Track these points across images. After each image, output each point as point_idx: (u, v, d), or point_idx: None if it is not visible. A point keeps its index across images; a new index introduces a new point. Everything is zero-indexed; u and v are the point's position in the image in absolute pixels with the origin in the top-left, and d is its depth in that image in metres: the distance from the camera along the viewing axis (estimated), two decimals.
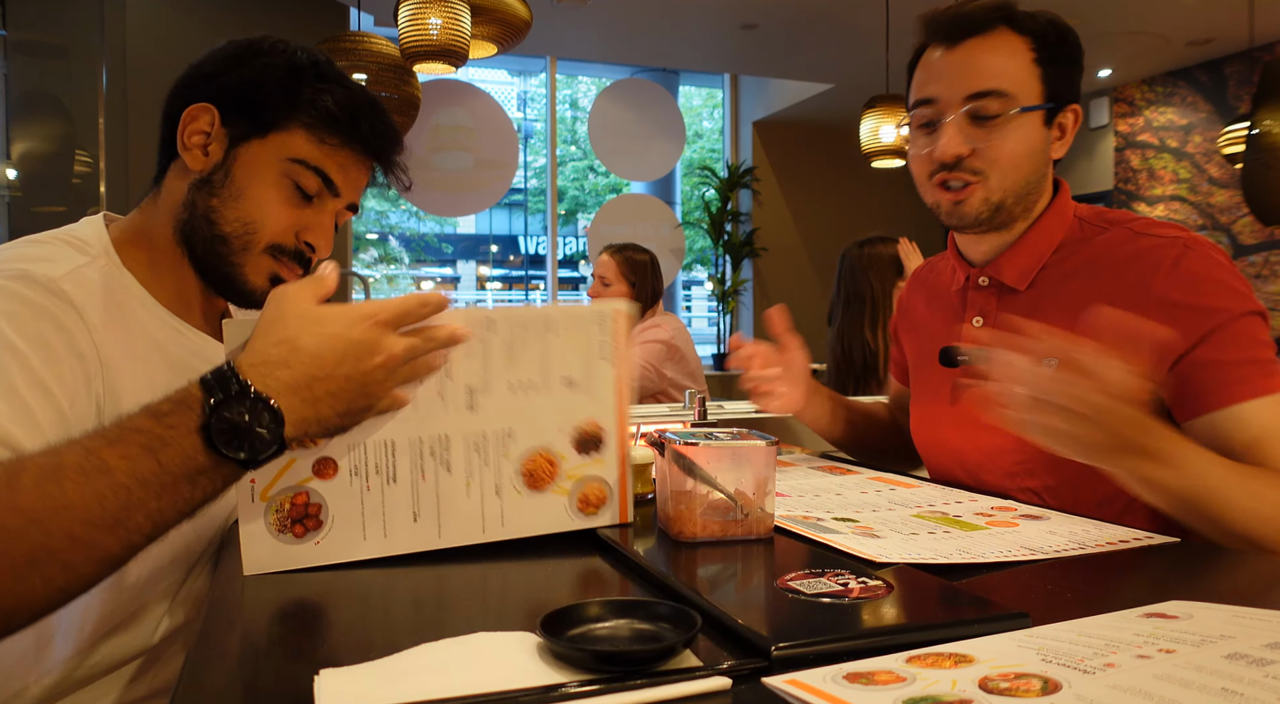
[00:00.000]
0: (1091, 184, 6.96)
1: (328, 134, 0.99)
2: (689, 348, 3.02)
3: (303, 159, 0.98)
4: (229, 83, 0.97)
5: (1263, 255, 5.90)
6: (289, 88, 0.97)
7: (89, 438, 0.67)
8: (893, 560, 0.79)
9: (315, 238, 1.01)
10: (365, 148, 1.03)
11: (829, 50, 5.85)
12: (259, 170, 0.97)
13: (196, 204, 0.97)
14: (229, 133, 0.97)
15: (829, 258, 7.61)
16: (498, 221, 14.54)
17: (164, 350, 0.96)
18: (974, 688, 0.50)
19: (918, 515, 1.00)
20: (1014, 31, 1.16)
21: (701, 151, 10.21)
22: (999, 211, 1.18)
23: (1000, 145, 1.15)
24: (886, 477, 1.25)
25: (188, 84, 0.99)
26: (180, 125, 0.97)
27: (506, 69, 10.44)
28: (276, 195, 0.98)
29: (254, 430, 0.68)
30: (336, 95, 0.99)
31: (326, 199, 1.01)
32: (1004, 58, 1.15)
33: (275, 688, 0.57)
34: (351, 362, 0.73)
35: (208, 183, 0.97)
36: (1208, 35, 5.68)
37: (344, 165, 1.01)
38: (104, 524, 0.64)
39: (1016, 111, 1.14)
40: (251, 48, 1.00)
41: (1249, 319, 1.04)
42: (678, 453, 0.87)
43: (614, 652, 0.56)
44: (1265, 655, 0.54)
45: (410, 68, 3.35)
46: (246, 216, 0.97)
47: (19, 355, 0.81)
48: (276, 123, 0.97)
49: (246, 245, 0.98)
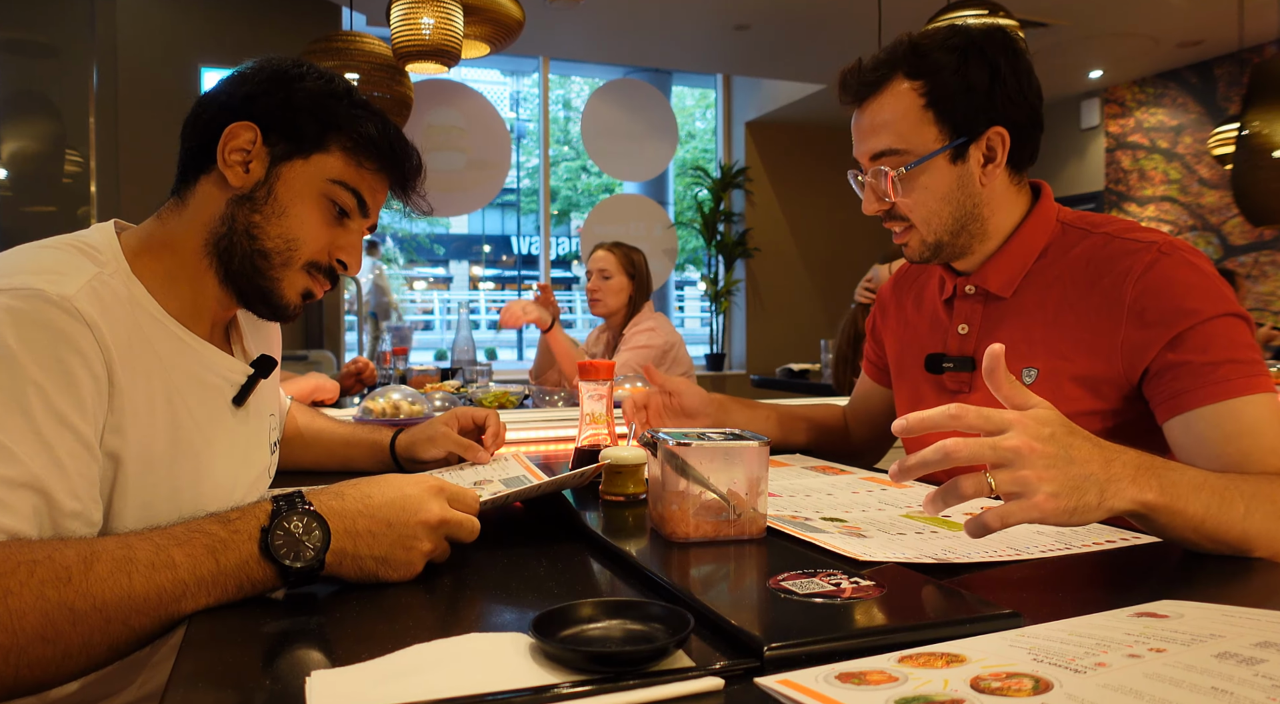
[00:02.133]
0: (1082, 185, 6.99)
1: (365, 158, 1.03)
2: (683, 352, 3.06)
3: (342, 180, 1.02)
4: (270, 104, 1.00)
5: (1253, 256, 5.93)
6: (330, 112, 1.01)
7: (159, 534, 0.74)
8: (877, 559, 0.79)
9: (348, 256, 1.06)
10: (394, 173, 1.07)
11: (821, 51, 5.86)
12: (301, 189, 1.00)
13: (237, 219, 0.99)
14: (270, 152, 1.00)
15: (821, 258, 7.66)
16: (490, 222, 14.54)
17: (168, 365, 0.96)
18: (966, 687, 0.51)
19: (906, 515, 1.00)
20: (907, 78, 1.18)
21: (694, 152, 10.22)
22: (941, 249, 1.23)
23: (910, 197, 1.20)
24: (879, 477, 1.25)
25: (223, 102, 1.01)
26: (221, 142, 0.98)
27: (499, 69, 10.44)
28: (317, 214, 1.02)
29: (302, 542, 0.75)
30: (374, 121, 1.03)
31: (358, 219, 1.06)
32: (891, 115, 1.18)
33: (266, 689, 0.57)
34: (397, 509, 0.80)
35: (250, 199, 0.99)
36: (1198, 37, 5.71)
37: (375, 188, 1.06)
38: (157, 615, 0.71)
39: (911, 166, 1.18)
40: (289, 71, 1.02)
41: (1225, 320, 1.03)
42: (670, 453, 0.87)
43: (606, 652, 0.56)
44: (1255, 654, 0.54)
45: (402, 67, 3.34)
46: (289, 234, 1.00)
47: (39, 390, 0.80)
48: (318, 145, 1.01)
49: (287, 262, 1.01)
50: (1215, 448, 0.99)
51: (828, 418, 1.58)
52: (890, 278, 1.52)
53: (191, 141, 1.02)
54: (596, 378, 1.18)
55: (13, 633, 0.66)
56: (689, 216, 7.63)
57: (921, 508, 1.03)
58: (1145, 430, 1.08)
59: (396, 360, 3.21)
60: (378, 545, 0.78)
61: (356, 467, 1.39)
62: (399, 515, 0.79)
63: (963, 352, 1.25)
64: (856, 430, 1.57)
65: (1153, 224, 6.47)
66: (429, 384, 2.66)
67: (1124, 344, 1.07)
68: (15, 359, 0.79)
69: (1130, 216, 6.59)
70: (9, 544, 0.71)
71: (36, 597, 0.67)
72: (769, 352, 7.28)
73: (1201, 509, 0.84)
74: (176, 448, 0.95)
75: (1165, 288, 1.05)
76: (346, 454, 1.40)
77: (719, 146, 7.68)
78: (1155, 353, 1.05)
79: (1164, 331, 1.04)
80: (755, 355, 7.40)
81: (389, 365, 3.27)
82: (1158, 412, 1.06)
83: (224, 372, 1.04)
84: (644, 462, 1.04)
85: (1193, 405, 1.01)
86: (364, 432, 1.41)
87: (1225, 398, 1.00)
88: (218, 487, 1.01)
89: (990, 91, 1.16)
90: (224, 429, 1.03)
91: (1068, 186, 7.08)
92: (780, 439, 1.49)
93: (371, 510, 0.79)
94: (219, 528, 0.75)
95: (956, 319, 1.27)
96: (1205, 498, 0.84)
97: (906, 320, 1.41)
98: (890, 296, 1.48)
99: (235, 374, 1.05)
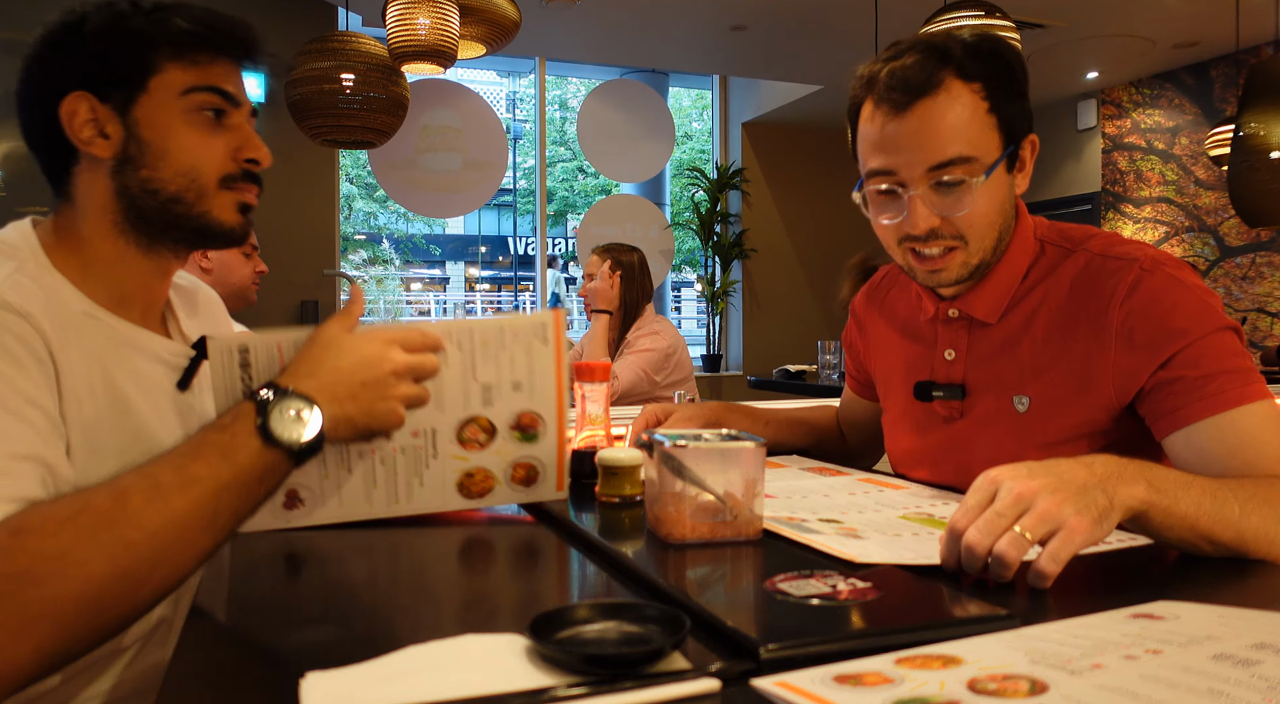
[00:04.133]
0: (1079, 186, 7.00)
1: (197, 54, 0.97)
2: (685, 356, 3.03)
3: (192, 87, 0.97)
4: (80, 64, 0.95)
5: (1249, 257, 5.94)
6: (135, 34, 0.95)
7: (172, 456, 0.77)
8: (873, 560, 0.79)
9: (252, 151, 1.01)
10: (232, 49, 1.01)
11: (818, 52, 5.86)
12: (164, 120, 0.96)
13: (129, 184, 0.96)
14: (113, 107, 0.95)
15: (818, 259, 7.65)
16: (487, 222, 14.53)
17: (102, 353, 0.94)
18: (962, 689, 0.51)
19: (903, 517, 1.00)
20: (962, 80, 1.07)
21: (691, 153, 10.22)
22: (978, 269, 1.14)
23: (974, 211, 1.09)
24: (876, 478, 1.25)
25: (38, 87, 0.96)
26: (64, 125, 0.94)
27: (495, 69, 10.43)
28: (193, 132, 0.97)
29: (299, 421, 0.81)
30: (181, 15, 0.97)
31: (233, 113, 1.00)
32: (959, 119, 1.06)
33: (261, 691, 0.57)
34: (364, 369, 0.87)
35: (128, 160, 0.95)
36: (1194, 38, 5.71)
37: (225, 73, 1.00)
38: (203, 527, 0.75)
39: (987, 174, 1.07)
40: (70, 17, 0.96)
41: (1215, 336, 1.01)
42: (667, 454, 0.87)
43: (602, 654, 0.56)
44: (1251, 656, 0.54)
45: (398, 68, 3.34)
46: (182, 167, 0.96)
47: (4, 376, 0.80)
48: (147, 69, 0.95)
49: (200, 192, 0.97)
50: (1219, 460, 0.98)
51: (824, 421, 1.58)
52: (861, 291, 1.47)
53: (38, 142, 0.98)
54: (593, 379, 1.17)
55: (88, 582, 0.69)
56: (686, 217, 7.63)
57: (919, 510, 1.04)
58: (1138, 449, 1.06)
59: None
60: (360, 404, 0.86)
61: None
62: (370, 372, 0.87)
63: (950, 379, 1.21)
64: (850, 435, 1.57)
65: (1149, 225, 6.47)
66: None
67: (1114, 368, 1.06)
68: None
69: (1127, 218, 6.61)
70: (37, 507, 0.73)
71: (93, 543, 0.70)
72: (766, 353, 7.28)
73: (1193, 507, 0.84)
74: (122, 433, 0.94)
75: (1152, 308, 1.04)
76: None
77: (715, 147, 7.68)
78: (1147, 375, 1.03)
79: (1154, 354, 1.02)
80: (752, 356, 7.40)
81: None
82: (1156, 427, 1.05)
83: (163, 355, 1.01)
84: (640, 463, 1.04)
85: (1191, 419, 1.00)
86: None
87: (1224, 409, 0.98)
88: None
89: (1025, 101, 1.12)
90: (174, 410, 1.02)
91: (1064, 188, 7.08)
92: (777, 441, 1.49)
93: (344, 375, 0.86)
94: (217, 435, 0.79)
95: (942, 344, 1.23)
96: (1195, 495, 0.84)
97: (885, 338, 1.38)
98: (864, 311, 1.45)
99: (176, 357, 1.03)
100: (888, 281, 1.42)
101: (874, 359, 1.42)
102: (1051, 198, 7.10)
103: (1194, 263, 6.14)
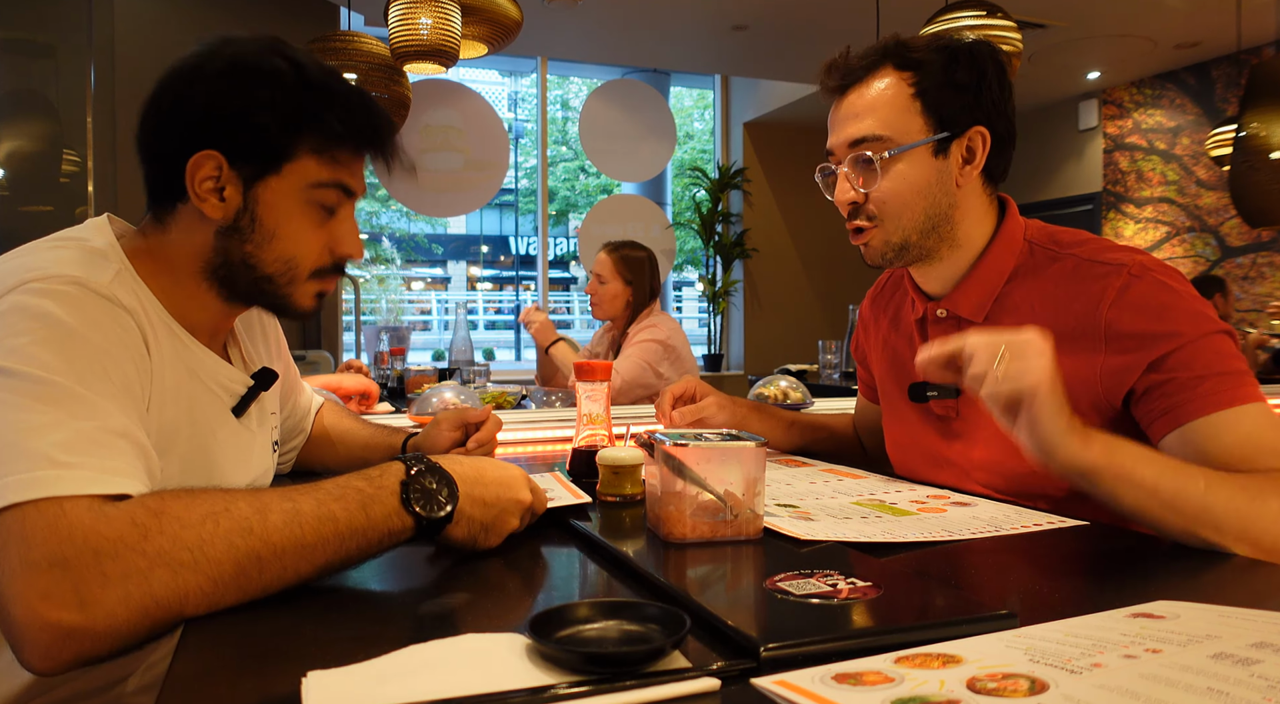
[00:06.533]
0: (1080, 186, 6.99)
1: (339, 150, 0.98)
2: (685, 348, 3.02)
3: (323, 182, 0.97)
4: (227, 124, 0.93)
5: (1250, 257, 5.94)
6: (290, 116, 0.94)
7: (315, 489, 0.80)
8: (818, 538, 0.86)
9: (348, 247, 1.02)
10: (371, 148, 1.02)
11: (819, 51, 5.81)
12: (284, 206, 0.96)
13: (230, 252, 0.97)
14: (241, 175, 0.94)
15: (819, 259, 7.65)
16: (488, 222, 14.53)
17: (178, 364, 0.97)
18: (962, 688, 0.51)
19: (856, 502, 1.06)
20: (895, 69, 1.16)
21: (692, 152, 10.22)
22: (905, 250, 1.20)
23: (885, 188, 1.17)
24: (837, 469, 1.31)
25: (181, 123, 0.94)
26: (187, 176, 0.93)
27: (497, 69, 10.43)
28: (306, 224, 0.98)
29: (436, 498, 0.84)
30: (336, 111, 0.96)
31: (346, 205, 1.02)
32: (877, 100, 1.16)
33: (262, 690, 0.57)
34: (504, 485, 0.90)
35: (236, 230, 0.96)
36: (1195, 38, 5.71)
37: (354, 169, 1.02)
38: (319, 563, 0.77)
39: (894, 151, 1.15)
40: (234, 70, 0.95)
41: (1206, 340, 1.02)
42: (667, 454, 0.87)
43: (603, 653, 0.56)
44: (1251, 655, 0.55)
45: (400, 67, 3.34)
46: (285, 254, 0.98)
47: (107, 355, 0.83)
48: (287, 155, 0.95)
49: (292, 279, 0.99)
50: (1214, 460, 0.98)
51: (846, 427, 1.59)
52: (868, 294, 1.50)
53: (155, 168, 0.97)
54: (594, 379, 1.18)
55: (214, 580, 0.71)
56: (687, 217, 7.63)
57: (872, 496, 1.11)
58: None
59: (394, 361, 3.20)
60: (487, 513, 0.88)
61: None
62: (505, 491, 0.90)
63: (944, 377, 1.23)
64: (866, 440, 1.58)
65: (1150, 225, 6.47)
66: (426, 384, 2.66)
67: (1103, 369, 1.06)
68: (77, 332, 0.81)
69: (1128, 218, 6.60)
70: (178, 495, 0.74)
71: (228, 546, 0.72)
72: (767, 352, 7.28)
73: (1153, 476, 0.90)
74: (191, 442, 0.97)
75: (1140, 313, 1.04)
76: (364, 457, 1.40)
77: (717, 147, 7.68)
78: (1137, 376, 1.04)
79: (1143, 356, 1.03)
80: (753, 356, 7.40)
81: (386, 366, 3.26)
82: (1151, 429, 1.05)
83: (224, 381, 1.04)
84: (641, 462, 1.04)
85: (1186, 419, 1.00)
86: (382, 435, 1.42)
87: (1219, 409, 0.99)
88: (224, 481, 1.02)
89: (977, 92, 1.16)
90: (228, 430, 1.04)
91: (1065, 188, 7.08)
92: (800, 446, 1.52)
93: (485, 481, 0.89)
94: (364, 484, 0.82)
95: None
96: (1157, 468, 0.91)
97: (885, 341, 1.39)
98: (870, 314, 1.46)
99: (235, 384, 1.06)
100: (893, 284, 1.43)
101: (874, 360, 1.44)
102: (1052, 198, 7.09)
103: (1195, 263, 6.14)
